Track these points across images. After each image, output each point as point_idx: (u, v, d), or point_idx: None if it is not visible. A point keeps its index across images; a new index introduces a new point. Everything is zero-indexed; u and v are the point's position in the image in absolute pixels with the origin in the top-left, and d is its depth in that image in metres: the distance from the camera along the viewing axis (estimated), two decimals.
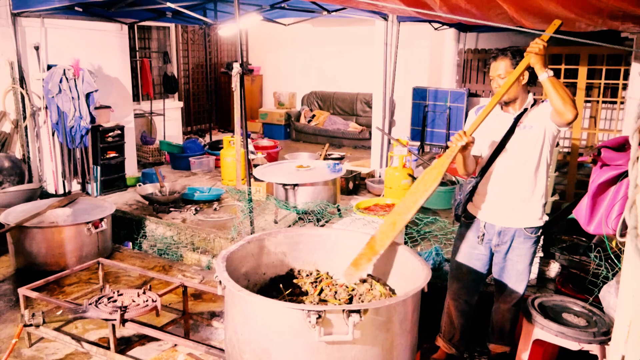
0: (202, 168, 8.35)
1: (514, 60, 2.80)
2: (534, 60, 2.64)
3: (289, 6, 6.71)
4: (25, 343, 3.59)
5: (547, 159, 2.90)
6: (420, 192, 2.71)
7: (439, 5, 3.11)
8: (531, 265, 3.07)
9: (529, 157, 2.87)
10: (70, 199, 5.42)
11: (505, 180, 2.93)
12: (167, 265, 5.09)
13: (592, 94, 7.44)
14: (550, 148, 2.89)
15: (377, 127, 7.33)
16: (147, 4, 6.35)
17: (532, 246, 3.00)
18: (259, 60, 12.43)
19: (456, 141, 2.71)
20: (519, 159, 2.89)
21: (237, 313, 2.38)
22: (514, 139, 2.88)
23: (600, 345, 2.70)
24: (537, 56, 2.63)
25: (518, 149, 2.88)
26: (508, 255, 3.03)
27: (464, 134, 2.70)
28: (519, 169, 2.90)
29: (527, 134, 2.86)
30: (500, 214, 2.97)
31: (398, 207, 2.77)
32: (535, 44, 2.64)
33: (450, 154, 2.73)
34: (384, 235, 2.71)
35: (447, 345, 3.34)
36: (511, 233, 2.97)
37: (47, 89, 6.31)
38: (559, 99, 2.58)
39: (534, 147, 2.86)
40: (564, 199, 6.19)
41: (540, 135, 2.84)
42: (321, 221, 5.02)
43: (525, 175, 2.90)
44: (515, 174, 2.91)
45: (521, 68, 2.70)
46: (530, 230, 2.96)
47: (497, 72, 2.84)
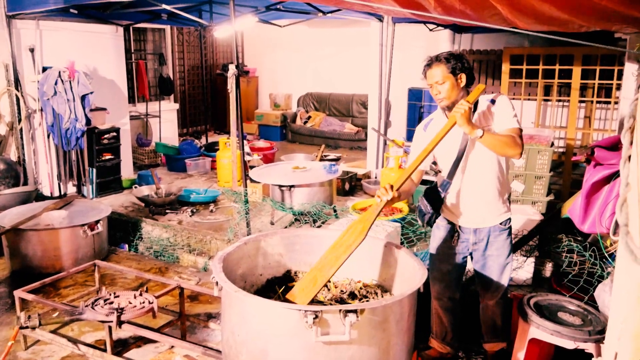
0: (198, 170, 8.34)
1: (448, 64, 2.81)
2: (461, 122, 2.67)
3: (284, 8, 6.72)
4: (21, 346, 3.58)
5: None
6: (343, 247, 2.56)
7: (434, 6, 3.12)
8: (510, 256, 3.09)
9: (488, 159, 2.90)
10: (66, 201, 5.41)
11: (469, 186, 2.96)
12: (164, 267, 5.09)
13: (586, 94, 7.47)
14: None
15: (373, 128, 7.35)
16: (143, 6, 6.35)
17: (507, 237, 3.05)
18: (254, 61, 12.43)
19: (382, 196, 2.59)
20: (478, 165, 2.92)
21: (234, 314, 2.38)
22: (469, 146, 2.90)
23: (595, 343, 2.72)
24: (462, 118, 2.66)
25: (474, 155, 2.91)
26: (487, 252, 3.06)
27: (390, 188, 2.60)
28: (479, 172, 2.93)
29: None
30: (472, 217, 3.01)
31: (319, 263, 2.60)
32: (461, 104, 2.67)
33: (377, 209, 2.61)
34: (303, 294, 2.54)
35: (440, 345, 3.36)
36: (486, 230, 3.02)
37: (42, 91, 6.30)
38: (499, 149, 2.71)
39: (488, 149, 2.87)
40: (559, 199, 6.21)
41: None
42: (317, 222, 5.03)
43: (488, 177, 2.93)
44: (477, 178, 2.94)
45: (447, 127, 2.73)
46: (502, 224, 3.01)
47: (434, 79, 2.84)
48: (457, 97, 2.86)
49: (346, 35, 10.49)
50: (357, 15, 6.78)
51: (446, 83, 2.82)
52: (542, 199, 5.73)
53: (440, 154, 3.03)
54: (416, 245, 4.52)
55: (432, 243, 3.23)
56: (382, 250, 2.90)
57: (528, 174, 5.71)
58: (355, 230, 2.60)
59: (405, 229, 4.54)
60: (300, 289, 2.59)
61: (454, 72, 2.81)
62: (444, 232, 3.13)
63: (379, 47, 7.16)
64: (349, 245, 2.55)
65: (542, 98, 7.33)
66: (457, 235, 3.07)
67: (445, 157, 3.01)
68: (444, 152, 3.00)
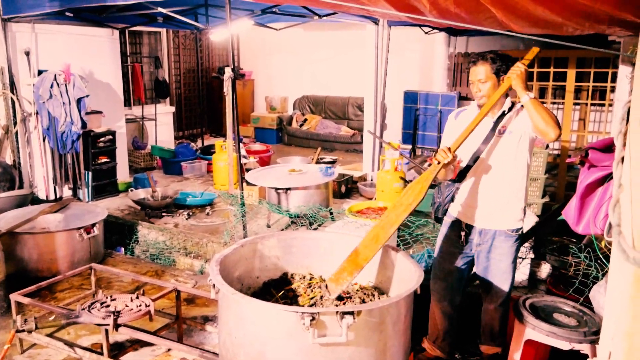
0: (194, 173, 8.34)
1: (494, 64, 2.84)
2: (515, 83, 2.72)
3: (280, 11, 6.73)
4: (17, 349, 3.57)
5: (526, 162, 2.95)
6: (403, 207, 2.70)
7: (429, 9, 3.14)
8: (514, 263, 3.10)
9: (508, 162, 2.91)
10: (62, 205, 5.40)
11: (484, 184, 2.97)
12: (160, 270, 5.09)
13: (580, 97, 7.52)
14: (529, 152, 2.94)
15: (369, 130, 7.36)
16: (138, 9, 6.35)
17: (513, 244, 3.04)
18: (250, 64, 12.44)
19: (441, 159, 2.74)
20: (498, 164, 2.93)
21: (231, 316, 2.39)
22: (493, 144, 2.92)
23: (590, 344, 2.73)
24: (518, 79, 2.71)
25: (497, 154, 2.92)
26: (490, 255, 3.06)
27: (449, 150, 2.74)
28: (498, 173, 2.93)
29: (506, 139, 2.90)
30: (481, 217, 3.01)
31: (381, 221, 2.75)
32: (517, 67, 2.72)
33: (435, 170, 2.75)
34: (366, 249, 2.67)
35: (431, 347, 3.36)
36: (492, 233, 3.02)
37: (37, 95, 6.28)
38: (541, 120, 2.65)
39: (513, 152, 2.90)
40: (554, 201, 6.25)
41: (519, 141, 2.89)
42: (314, 225, 5.04)
43: (505, 179, 2.93)
44: (494, 178, 2.94)
45: (503, 90, 2.78)
46: (510, 231, 3.01)
47: (477, 77, 2.88)
48: (495, 97, 2.88)
49: (342, 38, 10.52)
50: (352, 19, 6.80)
51: (488, 82, 2.86)
52: (537, 201, 5.76)
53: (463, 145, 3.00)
54: (412, 247, 4.53)
55: (438, 241, 3.24)
56: (378, 253, 2.91)
57: None
58: (414, 190, 2.71)
59: (402, 231, 4.55)
60: (363, 246, 2.68)
61: (498, 73, 2.85)
62: (450, 231, 3.13)
63: (374, 50, 7.18)
64: (409, 204, 2.67)
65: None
66: (465, 234, 3.06)
67: (466, 150, 3.00)
68: (467, 144, 2.97)
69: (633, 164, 1.14)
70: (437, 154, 2.76)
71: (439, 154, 2.75)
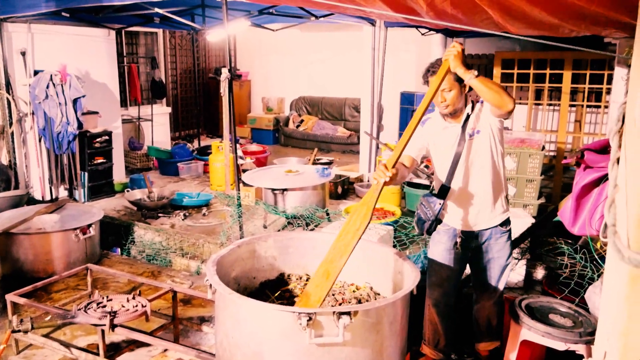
0: (190, 173, 8.33)
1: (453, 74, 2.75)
2: (454, 64, 2.59)
3: (277, 12, 6.73)
4: (13, 350, 3.56)
5: (501, 154, 2.95)
6: (351, 234, 2.51)
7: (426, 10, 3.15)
8: (509, 258, 3.12)
9: (487, 159, 2.91)
10: (58, 205, 5.39)
11: (471, 188, 2.96)
12: (156, 271, 5.08)
13: (576, 98, 7.55)
14: (501, 143, 2.93)
15: (366, 131, 7.37)
16: (135, 10, 6.34)
17: (507, 239, 3.07)
18: (247, 65, 12.44)
19: (379, 178, 2.52)
20: (478, 164, 2.92)
21: (228, 317, 2.39)
22: (467, 148, 2.90)
23: (586, 345, 2.74)
24: (456, 59, 2.59)
25: (475, 156, 2.91)
26: (489, 254, 3.08)
27: (386, 168, 2.52)
28: (481, 173, 2.93)
29: (477, 141, 2.89)
30: (473, 221, 3.01)
31: (329, 254, 2.54)
32: (453, 47, 2.62)
33: (377, 190, 2.54)
34: (318, 289, 2.50)
35: (433, 352, 3.33)
36: (487, 233, 3.03)
37: (33, 95, 6.27)
38: (492, 94, 2.57)
39: (489, 149, 2.89)
40: (550, 202, 6.27)
41: (489, 137, 2.88)
42: (310, 225, 5.04)
43: (487, 179, 2.94)
44: (479, 179, 2.94)
45: (442, 73, 2.64)
46: (503, 226, 3.03)
47: (440, 87, 2.75)
48: (461, 104, 2.87)
49: (339, 39, 10.53)
50: (349, 20, 6.80)
51: (452, 91, 2.80)
52: (533, 202, 5.78)
53: (437, 157, 3.03)
54: (409, 248, 4.54)
55: (432, 248, 3.17)
56: (374, 254, 2.92)
57: (519, 177, 5.75)
58: (359, 214, 2.54)
59: (398, 232, 4.56)
60: (314, 285, 2.53)
61: (460, 80, 2.75)
62: (444, 237, 3.09)
63: (371, 51, 7.19)
64: (356, 230, 2.49)
65: (533, 102, 7.39)
66: (460, 240, 3.05)
67: (442, 160, 3.00)
68: (441, 155, 3.00)
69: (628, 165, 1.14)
70: (375, 173, 2.56)
71: (376, 173, 2.54)
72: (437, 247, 3.14)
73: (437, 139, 2.98)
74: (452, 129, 2.93)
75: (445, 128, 2.96)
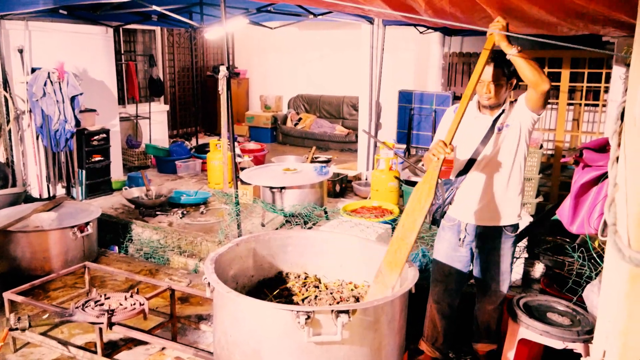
0: (188, 171, 8.32)
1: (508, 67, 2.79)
2: (499, 38, 2.60)
3: (275, 9, 6.72)
4: (10, 348, 3.55)
5: (524, 155, 2.94)
6: (417, 211, 2.59)
7: (424, 8, 3.15)
8: (512, 264, 3.12)
9: (509, 156, 2.90)
10: (55, 203, 5.38)
11: (485, 182, 2.95)
12: (154, 269, 5.07)
13: (574, 97, 7.56)
14: (526, 145, 2.93)
15: (364, 130, 7.37)
16: (133, 7, 6.32)
17: (512, 245, 3.06)
18: (245, 63, 12.43)
19: (438, 154, 2.60)
20: (499, 159, 2.91)
21: (226, 315, 2.38)
22: (493, 141, 2.90)
23: (584, 343, 2.75)
24: (501, 33, 2.60)
25: (498, 150, 2.91)
26: (490, 256, 3.06)
27: (444, 145, 2.61)
28: (500, 168, 2.92)
29: (505, 134, 2.89)
30: (481, 215, 3.00)
31: (398, 232, 2.62)
32: (497, 21, 2.62)
33: (437, 167, 2.62)
34: (391, 266, 2.57)
35: (430, 349, 3.34)
36: (492, 233, 3.01)
37: (31, 92, 6.25)
38: (532, 71, 2.60)
39: (514, 146, 2.89)
40: (548, 201, 6.27)
41: (517, 133, 2.88)
42: (308, 224, 5.04)
43: (505, 175, 2.93)
44: (495, 175, 2.93)
45: (488, 47, 2.66)
46: (510, 229, 3.01)
47: (489, 78, 2.80)
48: (502, 97, 2.87)
49: (337, 37, 10.52)
50: (347, 18, 6.80)
51: (499, 85, 2.81)
52: (531, 200, 5.78)
53: (461, 144, 3.01)
54: None
55: (437, 245, 3.20)
56: (373, 252, 2.92)
57: None
58: (422, 192, 2.61)
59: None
60: (387, 262, 2.59)
61: (510, 76, 2.82)
62: (449, 234, 3.11)
63: (369, 49, 7.18)
64: (422, 207, 2.57)
65: None
66: (465, 237, 3.05)
67: (465, 149, 2.98)
68: (465, 143, 2.97)
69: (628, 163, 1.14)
70: (434, 150, 2.64)
71: (435, 149, 2.62)
72: (442, 244, 3.15)
73: (467, 127, 2.91)
74: (484, 120, 2.92)
75: (477, 118, 2.95)
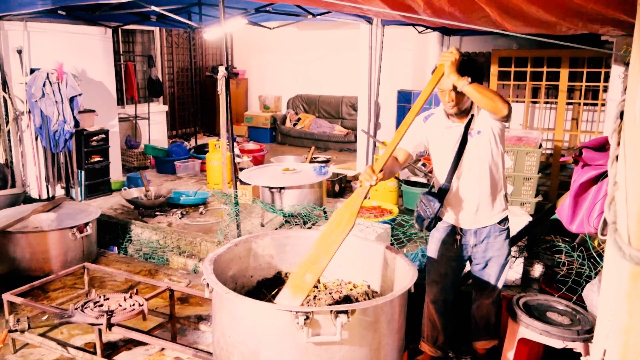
0: (187, 172, 8.32)
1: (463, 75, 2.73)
2: (449, 71, 2.60)
3: (274, 10, 6.72)
4: (9, 349, 3.54)
5: (501, 154, 2.96)
6: (335, 235, 2.47)
7: (423, 8, 3.14)
8: (507, 257, 3.13)
9: (487, 159, 2.92)
10: (55, 204, 5.37)
11: (471, 186, 2.97)
12: (153, 270, 5.07)
13: (573, 96, 7.56)
14: (502, 144, 2.94)
15: (363, 129, 7.37)
16: (131, 8, 6.32)
17: (506, 238, 3.08)
18: (244, 63, 12.42)
19: (366, 181, 2.50)
20: (478, 163, 2.92)
21: (225, 315, 2.38)
22: (469, 148, 2.91)
23: (584, 342, 2.75)
24: (452, 66, 2.60)
25: (475, 155, 2.91)
26: (488, 253, 3.07)
27: (373, 171, 2.51)
28: (480, 171, 2.93)
29: (479, 140, 2.90)
30: (472, 219, 3.01)
31: (310, 254, 2.49)
32: (449, 53, 2.61)
33: (362, 193, 2.52)
34: (297, 290, 2.46)
35: (432, 349, 3.34)
36: (486, 231, 3.03)
37: (30, 93, 6.24)
38: (486, 101, 2.60)
39: (489, 149, 2.90)
40: (547, 200, 6.27)
41: (489, 138, 2.89)
42: (308, 224, 5.03)
43: (487, 178, 2.94)
44: (478, 178, 2.94)
45: (436, 77, 2.64)
46: (501, 224, 3.04)
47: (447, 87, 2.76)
48: (467, 105, 2.87)
49: (335, 37, 10.52)
50: (346, 18, 6.80)
51: (460, 92, 2.76)
52: (530, 200, 5.78)
53: (437, 155, 3.03)
54: (406, 247, 4.54)
55: (431, 246, 3.19)
56: (372, 252, 2.92)
57: (517, 175, 5.76)
58: (342, 218, 2.51)
59: (395, 230, 4.55)
60: (293, 285, 2.49)
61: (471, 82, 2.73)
62: (443, 235, 3.11)
63: (368, 49, 7.18)
64: (340, 233, 2.47)
65: (530, 100, 7.40)
66: (460, 238, 3.06)
67: (442, 160, 3.00)
68: (442, 154, 2.99)
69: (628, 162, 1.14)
70: (361, 175, 2.54)
71: (362, 175, 2.53)
72: (436, 244, 3.16)
73: (439, 138, 2.97)
74: (456, 128, 2.93)
75: (449, 127, 2.95)
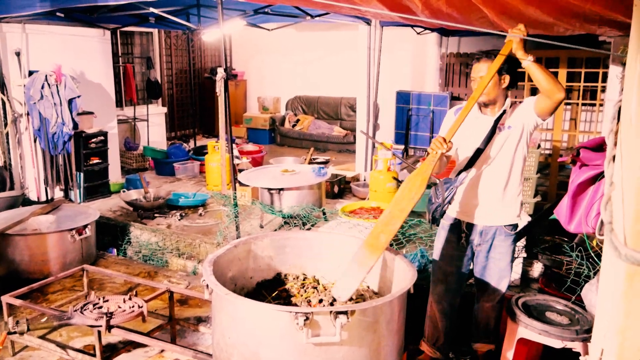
0: (186, 173, 8.32)
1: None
2: (517, 47, 2.65)
3: (272, 11, 6.73)
4: (9, 351, 3.54)
5: (523, 156, 2.96)
6: (406, 200, 2.61)
7: (421, 9, 3.15)
8: (512, 263, 3.13)
9: (509, 156, 2.91)
10: (53, 206, 5.37)
11: (487, 181, 2.96)
12: (153, 272, 5.06)
13: (572, 97, 7.57)
14: (527, 146, 2.95)
15: (362, 130, 7.37)
16: (130, 10, 6.32)
17: (511, 244, 3.07)
18: (242, 65, 12.43)
19: (437, 148, 2.67)
20: (499, 159, 2.92)
21: (225, 317, 2.38)
22: (495, 141, 2.91)
23: (583, 342, 2.75)
24: (520, 42, 2.64)
25: (499, 150, 2.91)
26: (490, 254, 3.07)
27: (444, 141, 2.68)
28: (500, 168, 2.93)
29: (506, 135, 2.90)
30: (481, 214, 3.01)
31: (384, 217, 2.63)
32: (518, 29, 2.63)
33: (432, 160, 2.68)
34: (372, 248, 2.59)
35: (431, 349, 3.35)
36: (492, 232, 3.02)
37: (28, 95, 6.24)
38: (547, 80, 2.62)
39: (514, 147, 2.90)
40: (545, 200, 6.28)
41: (519, 135, 2.89)
42: (307, 225, 5.04)
43: (505, 175, 2.94)
44: (495, 175, 2.94)
45: (504, 53, 2.69)
46: (509, 228, 3.02)
47: (479, 74, 2.85)
48: (496, 96, 2.88)
49: (334, 38, 10.53)
50: (345, 19, 6.80)
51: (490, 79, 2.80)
52: (529, 200, 5.79)
53: (462, 144, 3.01)
54: (405, 247, 4.54)
55: (437, 244, 3.20)
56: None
57: None
58: (414, 183, 2.64)
59: None
60: (369, 244, 2.60)
61: (500, 71, 2.81)
62: (449, 233, 3.11)
63: (366, 50, 7.19)
64: (412, 198, 2.60)
65: None
66: (465, 236, 3.06)
67: (465, 149, 2.99)
68: (466, 143, 2.98)
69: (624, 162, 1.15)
70: (432, 143, 2.70)
71: (433, 143, 2.69)
72: (441, 243, 3.16)
73: (467, 126, 2.91)
74: (485, 120, 2.93)
75: (478, 118, 2.96)
